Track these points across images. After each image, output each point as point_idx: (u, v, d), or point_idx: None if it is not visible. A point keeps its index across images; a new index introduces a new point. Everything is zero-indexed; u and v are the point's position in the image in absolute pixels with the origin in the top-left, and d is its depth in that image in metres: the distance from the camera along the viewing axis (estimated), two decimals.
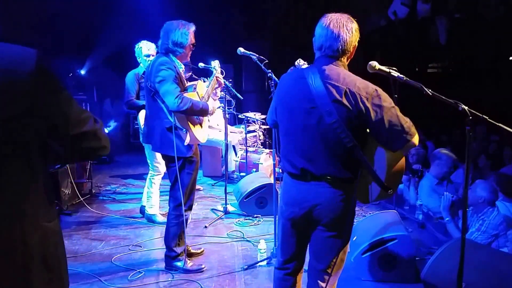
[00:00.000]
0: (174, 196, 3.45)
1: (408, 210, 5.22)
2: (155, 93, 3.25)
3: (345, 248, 2.27)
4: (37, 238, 1.28)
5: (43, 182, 1.32)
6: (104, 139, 1.44)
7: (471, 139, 2.00)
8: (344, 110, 1.99)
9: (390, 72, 2.17)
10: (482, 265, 2.87)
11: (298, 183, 2.19)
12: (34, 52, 1.24)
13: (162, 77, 3.14)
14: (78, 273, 3.48)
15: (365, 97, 1.99)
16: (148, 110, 3.45)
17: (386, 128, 1.98)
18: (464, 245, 2.05)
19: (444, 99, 2.06)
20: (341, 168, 2.09)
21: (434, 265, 3.01)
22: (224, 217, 4.96)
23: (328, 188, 2.12)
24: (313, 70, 2.09)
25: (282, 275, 2.40)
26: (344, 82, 2.01)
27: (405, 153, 2.12)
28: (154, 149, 3.49)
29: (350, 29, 2.06)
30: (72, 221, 4.80)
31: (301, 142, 2.14)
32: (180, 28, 3.25)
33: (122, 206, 5.45)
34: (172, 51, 3.28)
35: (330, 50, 2.07)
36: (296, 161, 2.17)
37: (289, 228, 2.31)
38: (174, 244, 3.49)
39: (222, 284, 3.37)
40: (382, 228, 3.52)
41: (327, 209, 2.14)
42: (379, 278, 3.41)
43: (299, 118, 2.12)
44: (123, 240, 4.24)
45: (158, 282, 3.37)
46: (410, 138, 2.01)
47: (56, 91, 1.30)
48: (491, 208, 3.75)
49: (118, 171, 7.55)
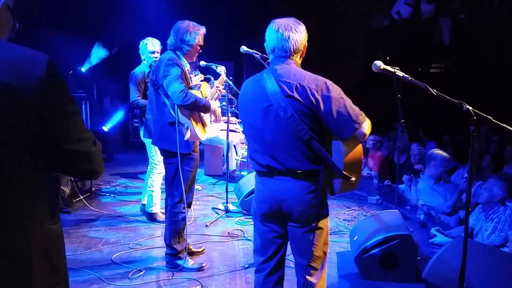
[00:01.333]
0: (172, 193, 3.44)
1: (410, 210, 5.21)
2: (160, 87, 3.28)
3: (323, 241, 2.28)
4: (41, 240, 1.27)
5: (48, 184, 1.31)
6: (98, 163, 1.39)
7: (475, 140, 2.00)
8: (297, 104, 2.10)
9: (395, 71, 2.19)
10: (484, 265, 2.87)
11: (265, 180, 2.26)
12: (45, 57, 1.22)
13: (168, 72, 3.20)
14: (78, 272, 3.46)
15: (314, 89, 2.09)
16: (150, 104, 3.50)
17: (334, 117, 2.08)
18: (466, 245, 2.05)
19: (448, 99, 2.07)
20: (304, 161, 2.15)
21: (435, 265, 3.00)
22: (225, 216, 4.95)
23: (293, 182, 2.18)
24: (267, 72, 2.22)
25: (263, 278, 2.39)
26: (295, 78, 2.13)
27: (361, 141, 2.19)
28: (153, 143, 3.51)
29: (298, 30, 2.20)
30: (71, 219, 4.78)
31: (263, 140, 2.22)
32: (190, 28, 3.35)
33: (122, 204, 5.43)
34: (179, 48, 3.36)
35: (283, 51, 2.20)
36: (260, 159, 2.25)
37: (262, 226, 2.35)
38: (174, 241, 3.48)
39: (223, 283, 3.35)
40: (383, 228, 3.51)
41: (295, 203, 2.19)
42: (380, 278, 3.39)
43: (258, 117, 2.22)
44: (123, 239, 4.23)
45: (158, 281, 3.36)
46: (358, 126, 2.09)
47: (63, 101, 1.28)
48: (502, 207, 3.74)
49: (118, 169, 7.54)
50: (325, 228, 2.29)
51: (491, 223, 3.75)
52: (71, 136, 1.30)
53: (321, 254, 2.28)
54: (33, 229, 1.25)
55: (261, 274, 2.40)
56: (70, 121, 1.30)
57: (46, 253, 1.29)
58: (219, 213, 5.00)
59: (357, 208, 5.33)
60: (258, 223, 2.37)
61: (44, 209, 1.29)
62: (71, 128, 1.30)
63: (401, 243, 3.34)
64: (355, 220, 4.81)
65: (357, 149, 2.17)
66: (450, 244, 3.12)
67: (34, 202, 1.26)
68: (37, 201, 1.27)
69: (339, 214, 5.06)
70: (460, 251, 2.07)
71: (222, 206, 5.18)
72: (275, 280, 2.38)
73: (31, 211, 1.25)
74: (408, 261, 3.36)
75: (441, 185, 4.99)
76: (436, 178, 4.98)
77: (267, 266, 2.37)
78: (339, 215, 5.03)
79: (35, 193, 1.26)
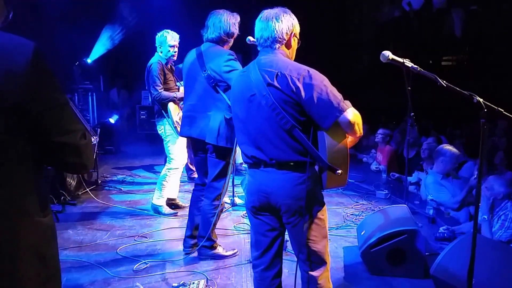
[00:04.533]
0: (215, 186, 3.41)
1: (419, 204, 5.14)
2: (218, 83, 3.19)
3: (320, 235, 2.22)
4: (30, 233, 1.24)
5: (37, 176, 1.28)
6: (86, 157, 1.34)
7: (485, 133, 1.95)
8: (277, 92, 2.06)
9: (404, 62, 2.14)
10: (493, 262, 2.82)
11: (253, 171, 2.24)
12: (31, 45, 1.18)
13: (233, 67, 3.12)
14: (82, 263, 3.47)
15: (295, 77, 2.04)
16: (200, 100, 3.33)
17: (315, 104, 2.01)
18: (475, 240, 2.01)
19: (458, 91, 2.04)
20: (289, 152, 2.10)
21: (444, 260, 2.96)
22: (231, 210, 4.93)
23: (280, 174, 2.13)
24: (253, 63, 2.20)
25: (259, 274, 2.36)
26: (277, 67, 2.09)
27: (349, 131, 2.07)
28: (209, 141, 3.27)
29: (283, 19, 2.17)
30: (77, 211, 4.79)
31: (248, 130, 2.20)
32: (230, 19, 3.28)
33: (128, 196, 5.44)
34: (224, 41, 3.30)
35: (267, 41, 2.19)
36: (247, 150, 2.23)
37: (254, 219, 2.32)
38: (213, 233, 3.53)
39: (228, 276, 3.33)
40: (391, 222, 3.45)
41: (282, 196, 2.14)
42: (387, 273, 3.35)
43: (243, 108, 2.20)
44: (129, 231, 4.23)
45: (163, 273, 3.35)
46: (339, 114, 2.00)
47: (49, 90, 1.23)
48: (509, 202, 3.67)
49: (124, 161, 7.55)
50: (321, 222, 2.22)
51: (498, 220, 3.70)
52: (59, 128, 1.26)
53: (320, 248, 2.22)
54: (21, 221, 1.22)
55: (257, 269, 2.37)
56: (57, 112, 1.25)
57: (35, 246, 1.26)
58: (226, 207, 4.98)
59: (365, 203, 5.28)
60: (250, 215, 2.36)
61: (33, 201, 1.26)
62: (58, 119, 1.26)
63: (409, 238, 3.29)
64: (362, 214, 4.76)
65: (343, 140, 2.09)
66: (459, 240, 3.08)
67: (22, 194, 1.23)
68: (25, 193, 1.24)
69: (347, 209, 5.01)
70: (469, 247, 2.02)
71: (228, 199, 5.15)
72: (272, 275, 2.35)
73: (19, 202, 1.22)
74: (416, 256, 3.31)
75: (449, 180, 4.92)
76: (444, 173, 4.91)
77: (262, 261, 2.34)
78: (347, 209, 4.99)
79: (22, 184, 1.23)
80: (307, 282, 2.27)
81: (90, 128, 6.46)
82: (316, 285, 2.25)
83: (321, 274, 2.25)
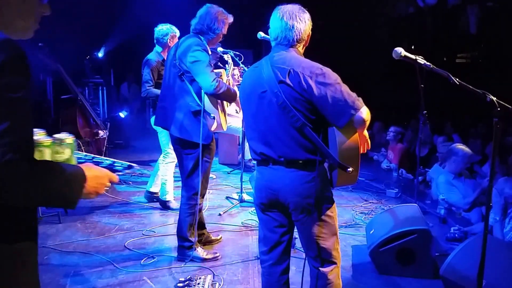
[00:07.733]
0: (189, 185, 3.32)
1: (430, 204, 5.07)
2: (184, 73, 3.14)
3: (330, 232, 2.21)
4: None
5: None
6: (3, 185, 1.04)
7: (498, 131, 1.92)
8: (289, 90, 2.04)
9: (416, 59, 2.12)
10: (504, 263, 2.79)
11: (262, 168, 2.23)
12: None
13: (197, 58, 3.06)
14: (90, 257, 3.49)
15: (308, 75, 2.02)
16: (169, 91, 3.29)
17: (330, 103, 2.00)
18: (486, 241, 1.98)
19: (471, 89, 2.02)
20: (298, 150, 2.09)
21: (454, 261, 2.93)
22: (239, 206, 4.91)
23: (288, 171, 2.12)
24: (266, 59, 2.19)
25: (267, 269, 2.36)
26: (290, 64, 2.07)
27: (360, 129, 2.09)
28: (172, 132, 3.27)
29: (303, 19, 2.15)
30: (85, 205, 4.79)
31: (258, 127, 2.19)
32: (218, 16, 3.22)
33: (137, 191, 5.43)
34: (204, 34, 3.23)
35: (286, 40, 2.16)
36: (256, 147, 2.22)
37: (263, 215, 2.32)
38: (190, 233, 3.39)
39: (235, 272, 3.32)
40: (401, 222, 3.41)
41: (290, 194, 2.14)
42: (396, 273, 3.31)
43: (254, 104, 2.19)
44: (137, 225, 4.23)
45: (171, 268, 3.35)
46: (355, 112, 2.00)
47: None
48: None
49: (133, 156, 7.53)
50: (330, 219, 2.21)
51: (509, 221, 3.63)
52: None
53: (329, 245, 2.21)
54: None
55: (265, 264, 2.38)
56: None
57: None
58: (233, 203, 4.96)
59: (375, 201, 5.22)
60: (259, 211, 2.36)
61: None
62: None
63: (418, 237, 3.24)
64: (372, 213, 4.70)
65: (354, 138, 2.09)
66: (470, 240, 3.04)
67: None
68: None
69: (356, 207, 4.96)
70: (479, 248, 1.99)
71: (236, 195, 5.14)
72: (280, 271, 2.35)
73: None
74: (425, 256, 3.27)
75: (461, 180, 4.85)
76: (456, 173, 4.83)
77: (270, 257, 2.35)
78: (356, 207, 4.94)
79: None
80: (316, 277, 2.26)
81: (100, 122, 6.49)
82: (326, 281, 2.24)
83: (331, 270, 2.25)
